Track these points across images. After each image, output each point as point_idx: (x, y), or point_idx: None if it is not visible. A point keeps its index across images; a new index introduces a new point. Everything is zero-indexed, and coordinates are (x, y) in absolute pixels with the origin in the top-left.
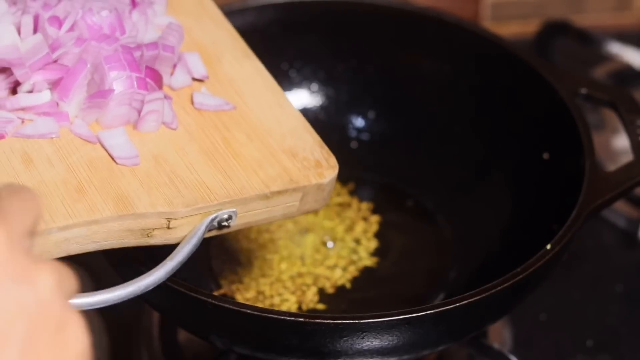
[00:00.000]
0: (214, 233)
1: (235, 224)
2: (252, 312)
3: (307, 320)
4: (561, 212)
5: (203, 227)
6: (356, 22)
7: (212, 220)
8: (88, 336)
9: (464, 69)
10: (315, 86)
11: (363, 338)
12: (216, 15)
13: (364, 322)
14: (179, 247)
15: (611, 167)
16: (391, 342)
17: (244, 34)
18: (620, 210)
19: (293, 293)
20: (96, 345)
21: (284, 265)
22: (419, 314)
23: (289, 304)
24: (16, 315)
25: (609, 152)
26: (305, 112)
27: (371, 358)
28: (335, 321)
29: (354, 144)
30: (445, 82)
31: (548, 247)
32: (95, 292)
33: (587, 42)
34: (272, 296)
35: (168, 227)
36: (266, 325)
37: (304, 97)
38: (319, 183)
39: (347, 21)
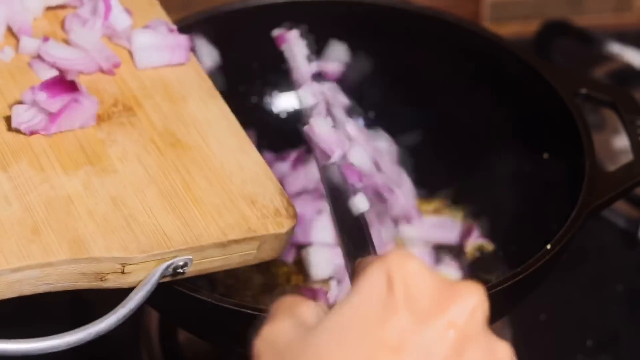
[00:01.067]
0: (168, 279)
1: (190, 270)
2: (252, 312)
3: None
4: (561, 212)
5: (158, 274)
6: (356, 22)
7: (168, 267)
8: None
9: (463, 68)
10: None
11: None
12: None
13: None
14: (132, 294)
15: (611, 167)
16: None
17: (244, 34)
18: (620, 210)
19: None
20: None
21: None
22: None
23: None
24: None
25: (609, 152)
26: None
27: None
28: None
29: None
30: (445, 82)
31: (548, 247)
32: (44, 338)
33: (587, 42)
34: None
35: (122, 272)
36: None
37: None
38: (277, 233)
39: (347, 21)
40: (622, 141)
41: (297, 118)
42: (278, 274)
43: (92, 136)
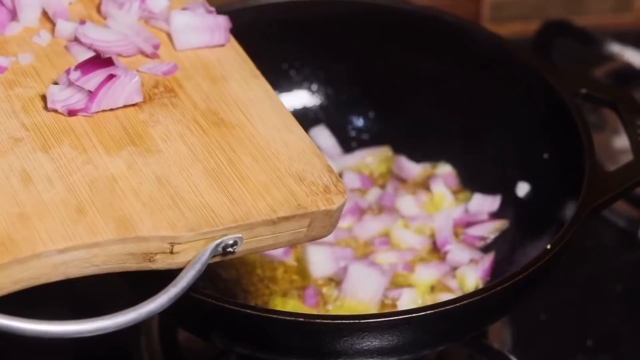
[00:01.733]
0: (217, 259)
1: (240, 249)
2: (252, 312)
3: (307, 320)
4: (561, 212)
5: (207, 253)
6: (356, 21)
7: (217, 245)
8: None
9: (463, 68)
10: (315, 86)
11: (363, 338)
12: None
13: (364, 322)
14: (182, 273)
15: (611, 167)
16: (391, 342)
17: (244, 34)
18: (620, 210)
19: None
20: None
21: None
22: (419, 314)
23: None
24: None
25: (609, 152)
26: (305, 112)
27: (371, 358)
28: (335, 321)
29: (354, 144)
30: (445, 82)
31: (548, 247)
32: (94, 319)
33: (587, 42)
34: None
35: (171, 252)
36: (266, 325)
37: (304, 97)
38: (328, 209)
39: (347, 21)
40: (622, 141)
41: (298, 118)
42: (277, 273)
43: (134, 117)
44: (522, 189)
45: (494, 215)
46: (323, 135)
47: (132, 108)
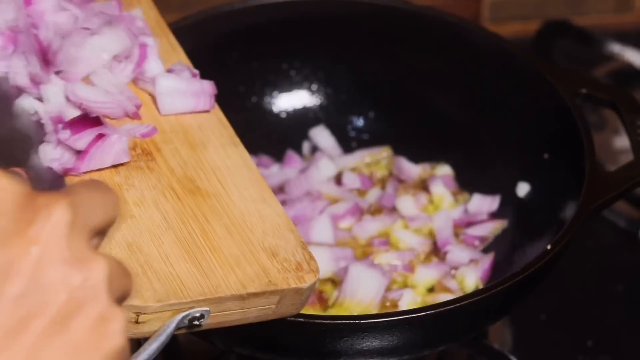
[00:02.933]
0: (183, 331)
1: (207, 322)
2: None
3: (307, 320)
4: (561, 212)
5: (173, 325)
6: (356, 21)
7: (184, 317)
8: (126, 340)
9: (463, 68)
10: (315, 86)
11: (363, 338)
12: None
13: (364, 322)
14: (145, 345)
15: (611, 167)
16: (391, 342)
17: (244, 34)
18: (620, 210)
19: None
20: None
21: None
22: (419, 314)
23: None
24: (60, 290)
25: (609, 152)
26: (305, 112)
27: (371, 358)
28: (335, 321)
29: (354, 144)
30: (445, 82)
31: (548, 247)
32: None
33: (587, 42)
34: None
35: (136, 322)
36: (266, 326)
37: (304, 97)
38: (298, 287)
39: (347, 21)
40: (622, 141)
41: (298, 118)
42: None
43: (110, 179)
44: (522, 189)
45: (494, 215)
46: (323, 135)
47: (108, 170)
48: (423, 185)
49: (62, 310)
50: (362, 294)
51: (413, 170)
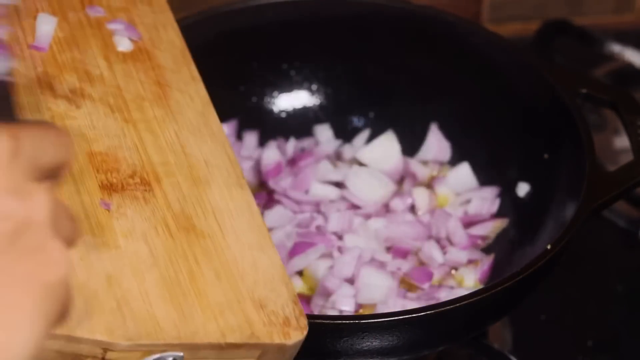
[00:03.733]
0: None
1: None
2: None
3: (307, 320)
4: (561, 212)
5: None
6: (356, 21)
7: None
8: (68, 272)
9: (463, 68)
10: (315, 86)
11: (363, 338)
12: (219, 133)
13: (363, 322)
14: None
15: (611, 167)
16: (391, 342)
17: (244, 34)
18: (620, 210)
19: None
20: None
21: None
22: (419, 314)
23: None
24: (1, 218)
25: (609, 152)
26: (305, 112)
27: (371, 358)
28: (335, 321)
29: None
30: (445, 82)
31: (548, 247)
32: None
33: (587, 42)
34: None
35: (103, 358)
36: None
37: (304, 97)
38: (282, 344)
39: (347, 21)
40: (622, 141)
41: (298, 118)
42: None
43: (100, 206)
44: (522, 189)
45: (494, 216)
46: (324, 135)
47: (99, 194)
48: (428, 185)
49: (2, 241)
50: (373, 297)
51: (420, 170)
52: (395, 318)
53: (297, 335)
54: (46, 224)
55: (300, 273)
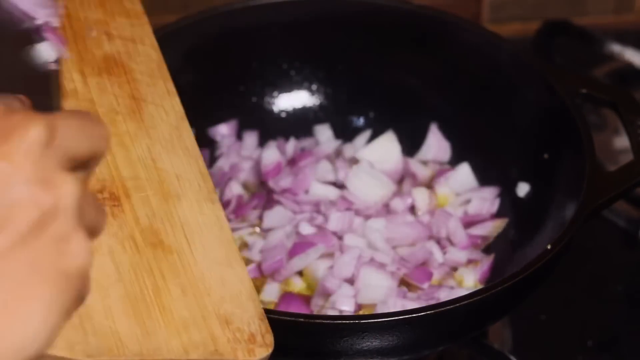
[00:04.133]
0: None
1: None
2: None
3: (307, 320)
4: (561, 212)
5: None
6: (356, 21)
7: None
8: (91, 262)
9: (463, 68)
10: (315, 86)
11: (363, 338)
12: (192, 148)
13: (363, 322)
14: None
15: (611, 167)
16: (391, 342)
17: (244, 34)
18: (620, 210)
19: None
20: None
21: None
22: (419, 314)
23: None
24: (27, 208)
25: (609, 152)
26: (305, 112)
27: (371, 358)
28: (335, 321)
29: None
30: (444, 82)
31: (548, 247)
32: None
33: (587, 42)
34: None
35: None
36: None
37: (304, 97)
38: None
39: (347, 21)
40: (622, 141)
41: (298, 118)
42: None
43: None
44: (522, 189)
45: (494, 216)
46: (324, 135)
47: None
48: (428, 185)
49: (28, 229)
50: (372, 297)
51: (420, 170)
52: (395, 318)
53: (261, 352)
54: (72, 214)
55: (300, 273)
